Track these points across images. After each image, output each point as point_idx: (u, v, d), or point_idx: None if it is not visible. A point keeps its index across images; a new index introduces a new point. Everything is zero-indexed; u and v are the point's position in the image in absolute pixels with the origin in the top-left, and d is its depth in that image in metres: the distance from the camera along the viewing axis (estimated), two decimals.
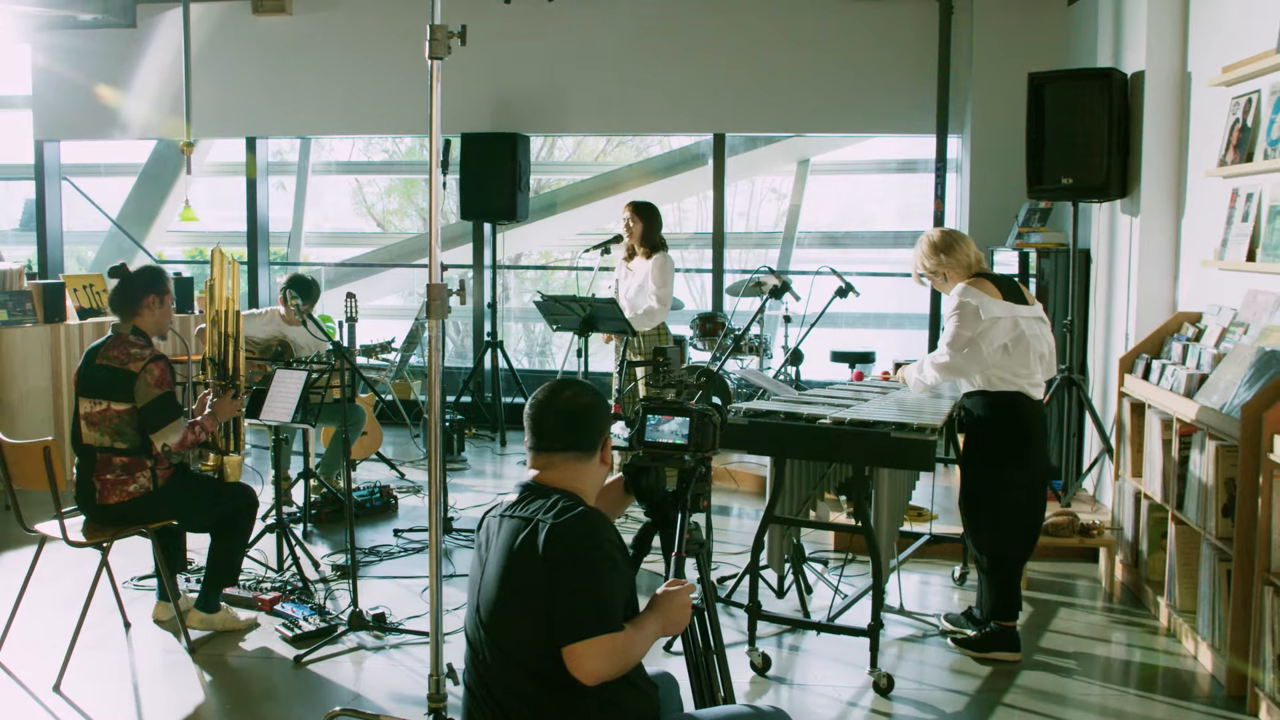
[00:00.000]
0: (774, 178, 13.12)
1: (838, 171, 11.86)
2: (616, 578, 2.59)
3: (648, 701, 2.69)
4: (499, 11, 8.70)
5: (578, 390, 2.81)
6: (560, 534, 2.56)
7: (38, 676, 4.31)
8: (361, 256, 12.89)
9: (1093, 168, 6.02)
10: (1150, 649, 4.74)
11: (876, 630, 4.21)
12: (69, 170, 11.45)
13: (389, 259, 12.66)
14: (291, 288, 6.65)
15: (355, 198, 15.83)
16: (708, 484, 3.06)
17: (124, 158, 11.79)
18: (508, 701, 2.61)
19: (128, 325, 4.61)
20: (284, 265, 12.67)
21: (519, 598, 2.58)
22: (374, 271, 12.49)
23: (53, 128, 9.70)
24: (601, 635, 2.49)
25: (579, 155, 14.63)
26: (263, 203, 9.84)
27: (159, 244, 12.76)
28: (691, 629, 2.98)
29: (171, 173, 12.12)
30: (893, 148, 10.92)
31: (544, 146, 14.69)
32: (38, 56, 9.51)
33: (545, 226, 12.22)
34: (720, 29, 8.94)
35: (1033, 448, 4.52)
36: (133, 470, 4.50)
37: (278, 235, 12.72)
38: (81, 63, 9.42)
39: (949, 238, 4.55)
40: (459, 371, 9.90)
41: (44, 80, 9.58)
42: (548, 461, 2.75)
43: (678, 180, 11.75)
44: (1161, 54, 5.88)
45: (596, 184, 12.61)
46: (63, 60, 9.37)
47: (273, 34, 9.34)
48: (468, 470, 8.03)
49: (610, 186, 12.43)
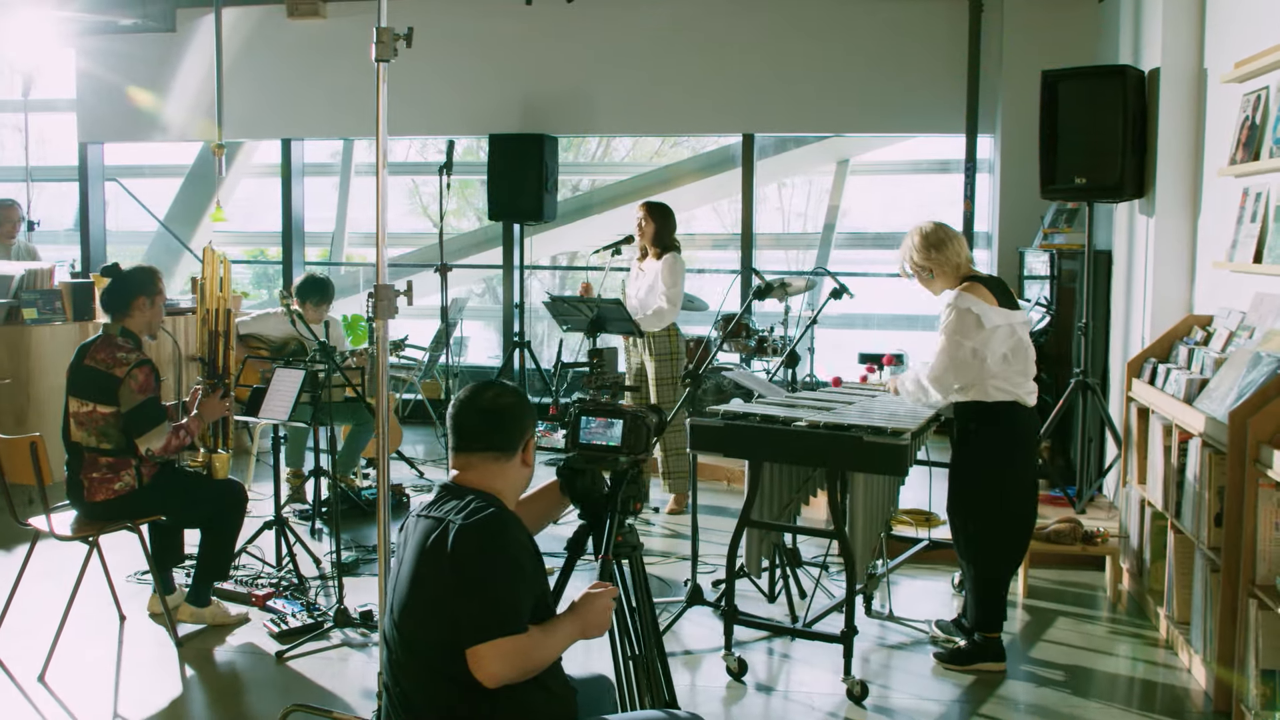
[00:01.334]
0: (827, 178, 13.04)
1: (877, 172, 11.74)
2: (522, 581, 2.57)
3: (560, 704, 2.67)
4: (526, 13, 8.73)
5: (499, 391, 2.80)
6: (467, 535, 2.55)
7: (25, 667, 4.40)
8: (403, 256, 13.01)
9: (1107, 167, 5.88)
10: (1146, 661, 4.61)
11: (850, 637, 4.15)
12: (119, 172, 11.71)
13: (428, 259, 12.75)
14: (305, 288, 6.74)
15: (411, 198, 16.04)
16: (640, 486, 3.03)
17: (172, 159, 12.04)
18: (418, 700, 2.61)
19: (117, 326, 4.68)
20: (325, 265, 12.85)
21: (427, 598, 2.59)
22: (415, 271, 12.59)
23: (96, 130, 9.92)
24: (502, 638, 2.47)
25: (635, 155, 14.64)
26: (298, 203, 9.97)
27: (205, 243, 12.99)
28: (624, 632, 2.96)
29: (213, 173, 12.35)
30: (932, 148, 10.79)
31: (599, 146, 14.73)
32: (81, 61, 9.73)
33: (585, 227, 12.26)
34: (749, 28, 8.88)
35: (1026, 458, 4.42)
36: (118, 469, 4.57)
37: (322, 235, 12.92)
38: (123, 67, 9.62)
39: (942, 233, 4.35)
40: (489, 370, 9.94)
41: (87, 84, 9.80)
42: (467, 462, 2.74)
43: (718, 180, 11.69)
44: (1177, 50, 5.72)
45: (637, 184, 12.62)
46: (105, 64, 9.58)
47: (307, 37, 9.46)
48: None
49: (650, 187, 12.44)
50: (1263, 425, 3.82)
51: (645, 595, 3.05)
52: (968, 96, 8.39)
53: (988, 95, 8.39)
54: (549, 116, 9.21)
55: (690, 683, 4.34)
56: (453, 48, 9.21)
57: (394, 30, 3.32)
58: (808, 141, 10.83)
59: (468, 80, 9.29)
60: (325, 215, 12.97)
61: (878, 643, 4.74)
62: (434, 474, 7.76)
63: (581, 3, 8.79)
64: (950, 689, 4.30)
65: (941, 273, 4.35)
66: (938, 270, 4.35)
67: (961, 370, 4.21)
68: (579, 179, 14.12)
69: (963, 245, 4.39)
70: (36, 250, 8.35)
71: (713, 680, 4.36)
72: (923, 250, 4.35)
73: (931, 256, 4.34)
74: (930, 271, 4.36)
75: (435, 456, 8.36)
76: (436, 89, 9.32)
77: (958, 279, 4.34)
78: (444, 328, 9.16)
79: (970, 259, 4.43)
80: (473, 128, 9.43)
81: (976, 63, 8.36)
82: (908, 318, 10.30)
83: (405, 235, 13.98)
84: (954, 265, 4.35)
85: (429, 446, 8.71)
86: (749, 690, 4.28)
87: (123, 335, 4.66)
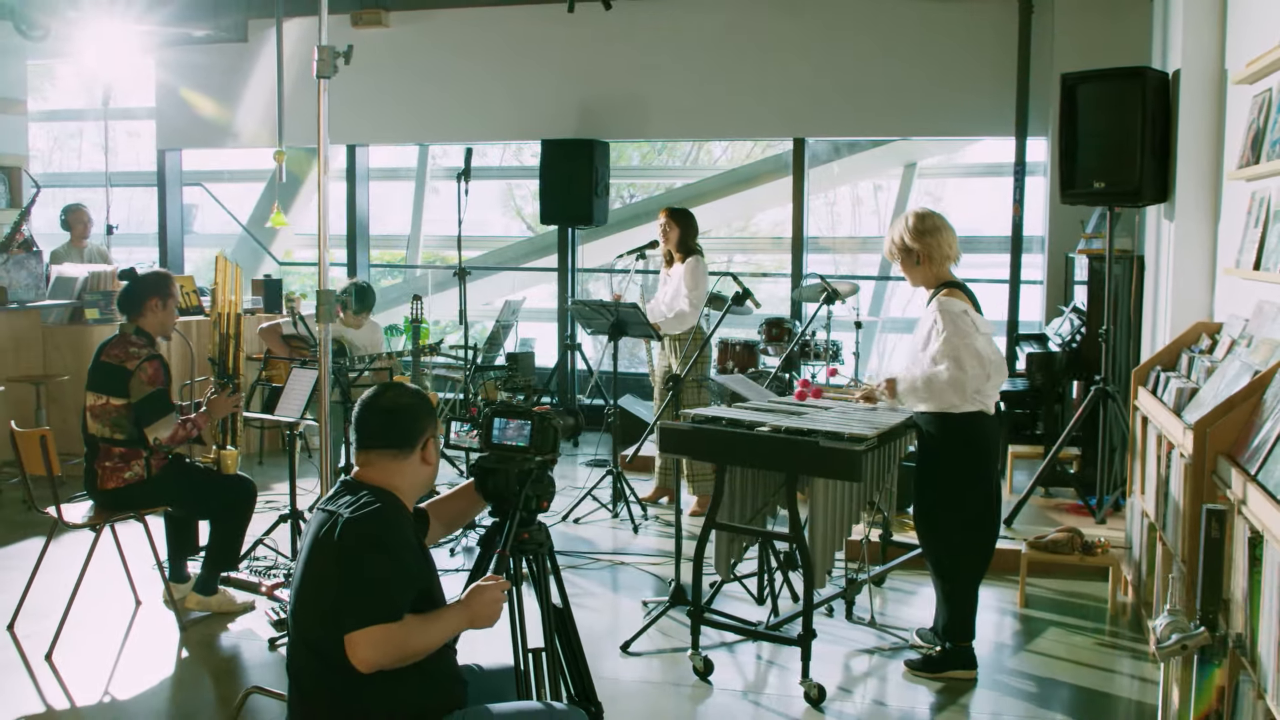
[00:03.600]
0: (938, 182, 12.96)
1: (944, 175, 11.63)
2: (400, 573, 2.69)
3: (441, 691, 2.79)
4: (578, 18, 8.85)
5: (399, 391, 2.93)
6: (351, 528, 2.69)
7: (37, 646, 4.68)
8: (476, 259, 13.28)
9: (1126, 171, 5.76)
10: (1128, 676, 4.54)
11: (808, 640, 4.17)
12: (204, 177, 12.22)
13: (498, 262, 13.01)
14: (345, 294, 7.00)
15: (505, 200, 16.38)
16: (545, 484, 3.12)
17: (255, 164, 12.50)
18: (306, 682, 2.76)
19: (132, 325, 4.95)
20: (400, 268, 13.19)
21: (314, 586, 2.73)
22: (488, 274, 12.86)
23: (173, 137, 10.36)
24: (375, 626, 2.60)
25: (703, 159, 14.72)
26: (362, 207, 10.26)
27: (288, 245, 13.47)
28: (523, 625, 3.05)
29: (296, 179, 12.79)
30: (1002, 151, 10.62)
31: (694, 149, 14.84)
32: (160, 71, 10.18)
33: (652, 230, 12.36)
34: (800, 32, 8.88)
35: (989, 465, 4.39)
36: (129, 459, 4.83)
37: (398, 238, 13.27)
38: (198, 76, 10.03)
39: (936, 220, 4.35)
40: (542, 371, 10.11)
41: (165, 93, 10.24)
42: (367, 459, 2.87)
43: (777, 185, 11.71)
44: (1198, 51, 5.58)
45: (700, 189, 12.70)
46: (181, 74, 10.00)
47: (371, 45, 9.72)
48: None
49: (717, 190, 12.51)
50: (1221, 436, 3.74)
51: (549, 591, 3.12)
52: (1017, 98, 8.26)
53: (1039, 97, 8.24)
54: (603, 121, 9.33)
55: (657, 680, 4.41)
56: (509, 54, 9.41)
57: (334, 48, 3.44)
58: (871, 146, 10.77)
59: (524, 86, 9.46)
60: (388, 217, 13.33)
61: (856, 648, 4.75)
62: None
63: (635, 8, 8.90)
64: (914, 696, 4.29)
65: (928, 258, 4.31)
66: (924, 256, 4.32)
67: (974, 369, 4.13)
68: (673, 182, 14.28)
69: (953, 239, 4.37)
70: (108, 253, 8.78)
71: (679, 679, 4.42)
72: (915, 233, 4.33)
73: (924, 240, 4.32)
74: (917, 257, 4.33)
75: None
76: (495, 95, 9.52)
77: (938, 277, 4.33)
78: (496, 328, 9.36)
79: (957, 258, 4.40)
80: (528, 132, 9.61)
81: (1027, 64, 8.22)
82: None
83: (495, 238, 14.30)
84: (942, 255, 4.32)
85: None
86: (713, 690, 4.34)
87: (137, 334, 4.93)
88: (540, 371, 10.18)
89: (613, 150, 15.04)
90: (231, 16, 9.67)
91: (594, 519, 6.70)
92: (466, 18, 9.55)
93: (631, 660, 4.60)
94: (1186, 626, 2.85)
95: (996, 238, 9.53)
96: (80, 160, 16.18)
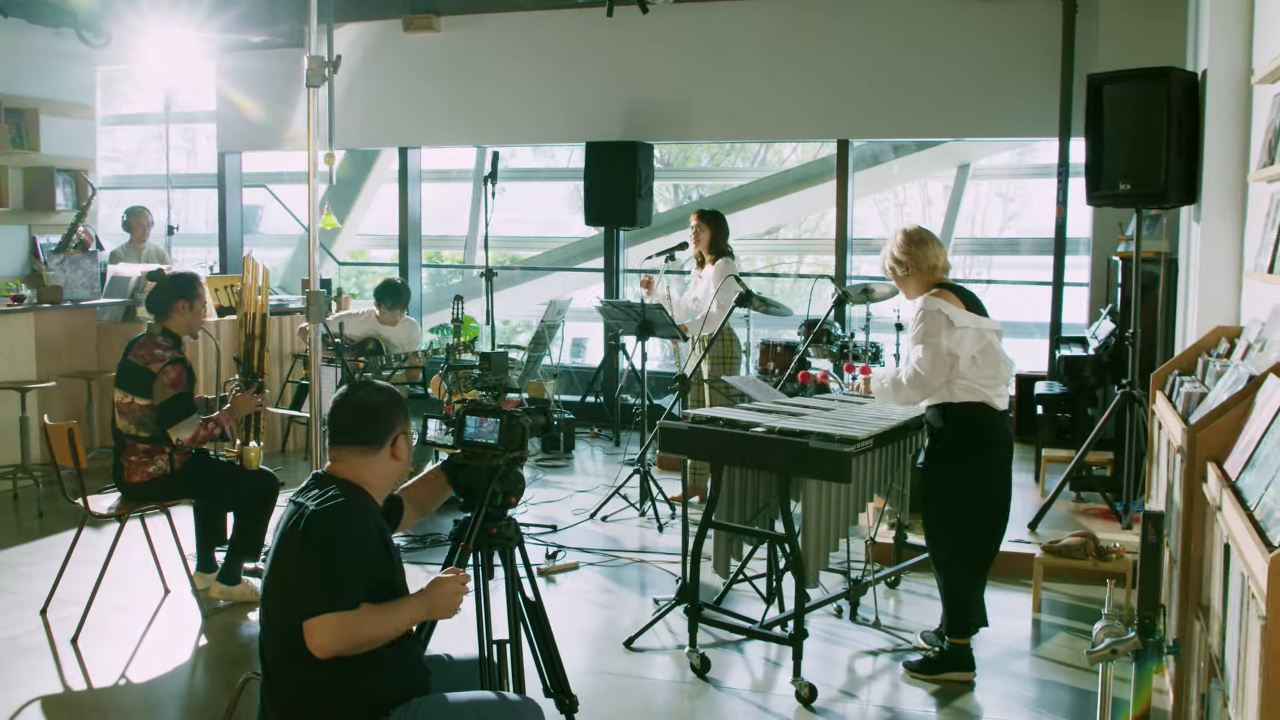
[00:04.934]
0: (1001, 183, 12.86)
1: (996, 176, 11.51)
2: (357, 564, 2.80)
3: (400, 678, 2.89)
4: (618, 23, 8.93)
5: (370, 390, 3.05)
6: (314, 520, 2.81)
7: (65, 631, 4.88)
8: (533, 259, 13.45)
9: (1151, 172, 5.68)
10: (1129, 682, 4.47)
11: (799, 640, 4.21)
12: (268, 178, 12.51)
13: (557, 262, 13.15)
14: (381, 292, 7.19)
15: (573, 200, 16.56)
16: (513, 480, 3.20)
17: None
18: (273, 668, 2.89)
19: (159, 326, 5.14)
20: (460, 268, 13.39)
21: (280, 574, 2.86)
22: (542, 274, 13.01)
23: (233, 140, 10.65)
24: (330, 614, 2.70)
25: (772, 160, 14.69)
26: (414, 207, 10.45)
27: (351, 245, 13.74)
28: (487, 617, 3.13)
29: (359, 179, 13.06)
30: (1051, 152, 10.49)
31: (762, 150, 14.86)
32: (220, 77, 10.46)
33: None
34: (842, 33, 8.87)
35: (993, 460, 4.38)
36: (152, 455, 5.03)
37: (455, 239, 13.48)
38: (256, 81, 10.29)
39: (923, 233, 4.44)
40: (588, 371, 10.21)
41: (224, 97, 10.53)
42: (338, 455, 2.98)
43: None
44: (1224, 50, 5.49)
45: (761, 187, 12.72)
46: (240, 79, 10.27)
47: (423, 50, 9.93)
48: (568, 468, 8.29)
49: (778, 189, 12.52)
50: (1210, 441, 3.70)
51: (513, 585, 3.21)
52: (1060, 99, 8.17)
53: (1082, 98, 8.12)
54: (647, 124, 9.40)
55: (653, 676, 4.47)
56: (556, 58, 9.53)
57: (322, 58, 3.55)
58: (918, 148, 10.70)
59: (570, 89, 9.57)
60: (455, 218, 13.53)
61: (860, 649, 4.76)
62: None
63: (678, 10, 8.95)
64: (908, 697, 4.30)
65: (916, 270, 4.38)
66: (913, 268, 4.38)
67: (939, 369, 4.21)
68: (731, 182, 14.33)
69: (941, 252, 4.43)
70: (166, 254, 9.06)
71: (675, 676, 4.47)
72: (903, 246, 4.41)
73: (910, 252, 4.39)
74: (906, 269, 4.39)
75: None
76: (543, 98, 9.65)
77: (928, 285, 4.37)
78: (541, 328, 9.48)
79: (946, 267, 4.44)
80: (575, 134, 9.72)
81: (1070, 64, 8.13)
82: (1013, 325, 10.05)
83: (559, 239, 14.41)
84: (929, 266, 4.38)
85: None
86: (707, 687, 4.38)
87: (163, 335, 5.12)
88: (586, 371, 10.30)
89: (680, 152, 15.20)
90: (288, 23, 9.90)
91: (621, 517, 6.77)
92: (514, 22, 9.68)
93: (633, 656, 4.66)
94: (1122, 631, 2.84)
95: (1043, 239, 9.43)
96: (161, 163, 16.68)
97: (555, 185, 15.03)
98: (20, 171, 9.81)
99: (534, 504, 7.05)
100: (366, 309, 7.48)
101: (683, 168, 15.64)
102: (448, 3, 9.76)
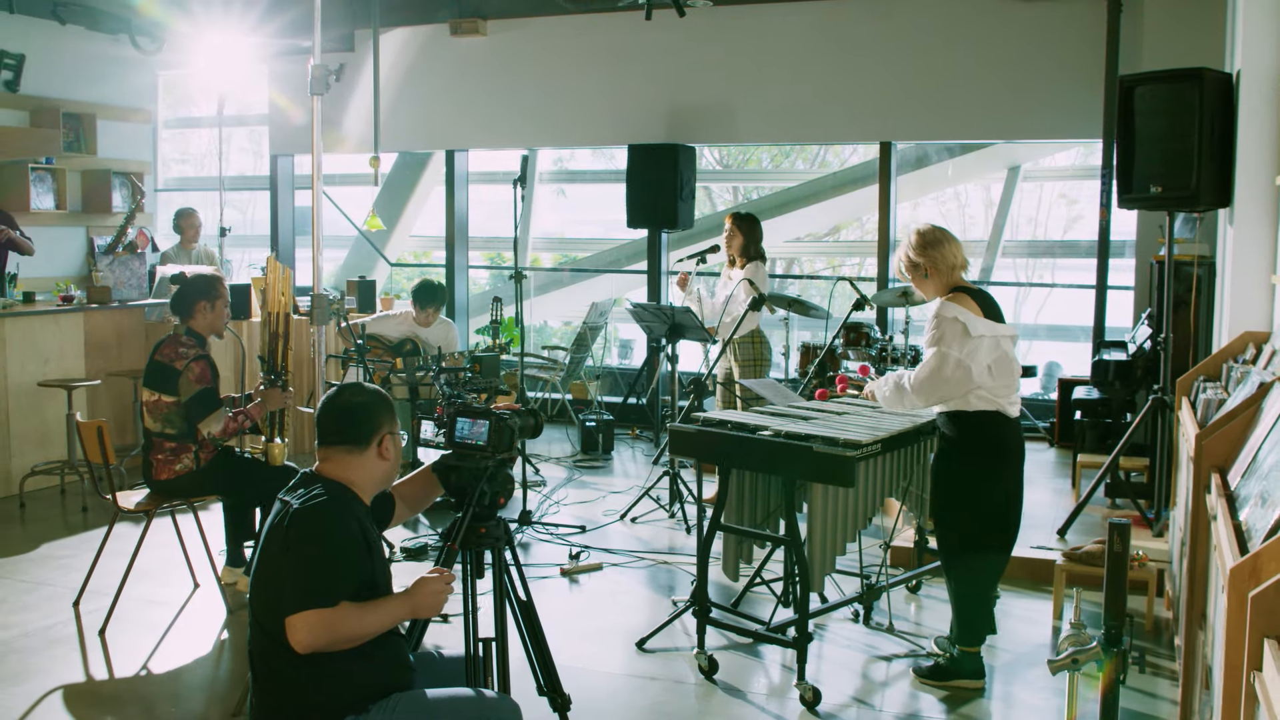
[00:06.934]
0: (1065, 184, 12.70)
1: (1047, 178, 11.36)
2: (338, 562, 2.85)
3: (383, 674, 2.94)
4: (656, 26, 8.97)
5: (356, 391, 3.11)
6: (298, 518, 2.87)
7: (94, 623, 5.03)
8: (582, 261, 13.51)
9: (1182, 175, 5.58)
10: (1142, 692, 4.43)
11: (804, 643, 4.21)
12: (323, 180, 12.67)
13: (602, 265, 13.20)
14: (418, 293, 7.30)
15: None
16: (500, 482, 3.24)
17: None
18: (259, 663, 2.96)
19: (184, 326, 5.27)
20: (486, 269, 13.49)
21: (266, 571, 2.93)
22: (592, 276, 13.07)
23: (284, 143, 10.84)
24: (311, 610, 2.77)
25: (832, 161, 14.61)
26: (460, 210, 10.55)
27: (404, 248, 13.90)
28: (474, 616, 3.18)
29: (411, 182, 13.21)
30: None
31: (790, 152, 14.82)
32: (272, 81, 10.66)
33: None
34: (885, 36, 8.82)
35: (1006, 469, 4.34)
36: (179, 453, 5.15)
37: (503, 240, 13.57)
38: (305, 84, 10.42)
39: (938, 233, 4.37)
40: (630, 371, 10.25)
41: (275, 101, 10.73)
42: (326, 454, 3.05)
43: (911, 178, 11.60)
44: (1259, 51, 5.38)
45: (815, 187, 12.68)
46: (290, 83, 10.45)
47: (469, 53, 10.04)
48: (606, 469, 8.32)
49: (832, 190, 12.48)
50: (1215, 448, 3.65)
51: (504, 584, 3.25)
52: (1105, 100, 8.06)
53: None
54: (690, 126, 9.43)
55: (661, 677, 4.49)
56: (599, 61, 9.58)
57: (326, 66, 3.62)
58: (963, 151, 10.60)
59: (614, 92, 9.62)
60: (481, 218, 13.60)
61: (871, 654, 4.75)
62: (549, 471, 8.09)
63: (719, 13, 8.97)
64: (916, 703, 4.28)
65: (935, 271, 4.32)
66: (931, 269, 4.33)
67: (947, 381, 4.18)
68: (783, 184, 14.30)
69: (958, 250, 4.37)
70: (215, 255, 9.26)
71: (683, 677, 4.49)
72: (919, 248, 4.35)
73: (927, 254, 4.33)
74: (925, 271, 4.34)
75: (561, 454, 8.70)
76: (587, 101, 9.71)
77: (947, 286, 4.32)
78: (583, 330, 9.54)
79: (964, 266, 4.39)
80: (618, 137, 9.77)
81: (1115, 66, 8.01)
82: (1059, 328, 9.93)
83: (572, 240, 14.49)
84: (948, 267, 4.32)
85: (559, 445, 9.06)
86: (714, 689, 4.40)
87: (188, 334, 5.25)
88: (630, 372, 10.34)
89: (740, 154, 15.17)
90: (339, 29, 10.07)
91: (650, 519, 6.80)
92: (557, 26, 9.75)
93: (644, 657, 4.69)
94: (1086, 640, 2.82)
95: (1088, 242, 9.31)
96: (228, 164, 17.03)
97: (617, 187, 15.09)
98: (78, 174, 10.09)
99: (566, 504, 7.10)
100: (404, 310, 7.59)
101: (743, 169, 15.61)
102: (493, 7, 9.86)
